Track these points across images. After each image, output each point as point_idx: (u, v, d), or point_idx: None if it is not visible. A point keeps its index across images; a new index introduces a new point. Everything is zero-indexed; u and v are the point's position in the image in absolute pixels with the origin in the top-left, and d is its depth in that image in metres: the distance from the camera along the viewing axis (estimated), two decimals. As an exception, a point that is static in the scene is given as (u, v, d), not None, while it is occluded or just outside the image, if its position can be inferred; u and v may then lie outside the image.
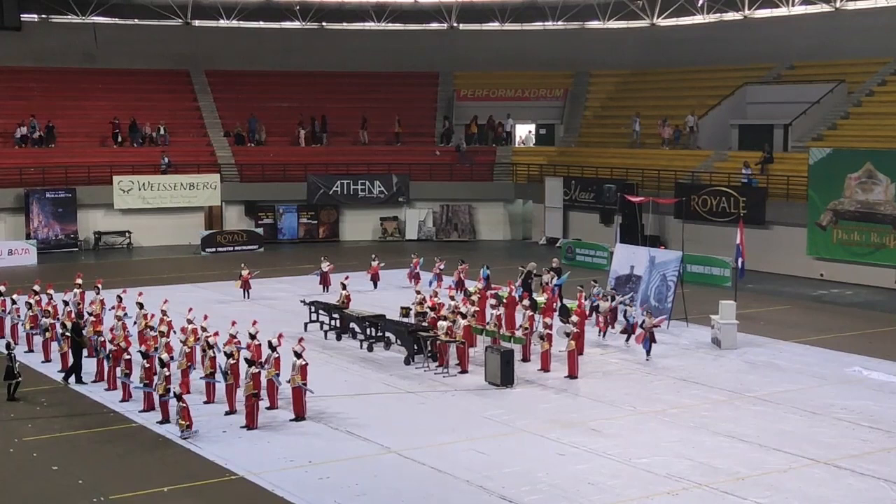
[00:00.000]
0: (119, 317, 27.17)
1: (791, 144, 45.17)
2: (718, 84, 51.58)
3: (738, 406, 23.72)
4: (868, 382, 25.78)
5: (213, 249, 48.15)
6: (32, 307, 29.49)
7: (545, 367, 26.54)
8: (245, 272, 36.36)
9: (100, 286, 31.35)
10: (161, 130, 53.00)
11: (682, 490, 18.50)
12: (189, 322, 26.14)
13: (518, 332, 28.32)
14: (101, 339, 25.70)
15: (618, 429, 21.97)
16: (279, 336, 24.04)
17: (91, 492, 18.53)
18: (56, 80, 54.37)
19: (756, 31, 52.64)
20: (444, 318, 27.25)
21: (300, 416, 22.49)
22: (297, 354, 22.66)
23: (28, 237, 46.99)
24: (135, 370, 23.97)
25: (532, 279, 33.53)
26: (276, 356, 23.37)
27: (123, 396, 24.17)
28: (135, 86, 55.08)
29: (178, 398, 21.50)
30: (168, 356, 23.86)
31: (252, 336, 24.75)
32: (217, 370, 23.71)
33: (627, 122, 52.74)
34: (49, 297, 30.08)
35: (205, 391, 23.98)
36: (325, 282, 37.10)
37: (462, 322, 26.98)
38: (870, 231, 38.72)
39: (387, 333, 29.08)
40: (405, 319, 30.05)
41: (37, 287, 30.82)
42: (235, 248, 48.46)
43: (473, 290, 32.31)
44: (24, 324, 29.31)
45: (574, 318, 27.51)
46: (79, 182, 48.82)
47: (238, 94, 56.31)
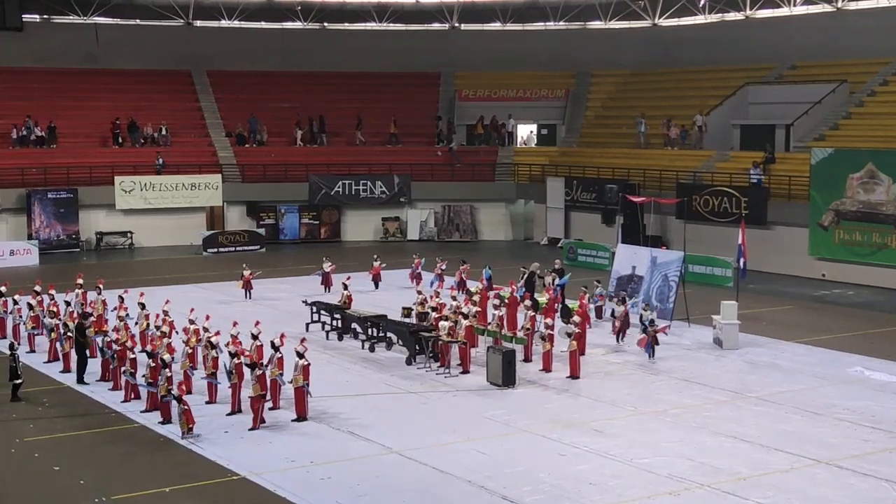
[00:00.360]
0: (122, 317, 27.19)
1: (793, 144, 45.14)
2: (720, 84, 51.55)
3: (740, 406, 23.71)
4: (870, 383, 25.77)
5: (215, 250, 48.16)
6: (34, 308, 29.53)
7: (547, 368, 26.55)
8: (247, 272, 36.37)
9: (101, 286, 31.37)
10: (162, 131, 53.05)
11: (684, 490, 18.49)
12: (191, 322, 26.15)
13: (520, 333, 28.33)
14: (108, 340, 25.73)
15: (619, 429, 21.96)
16: (281, 336, 24.06)
17: (93, 492, 18.52)
18: (58, 81, 54.39)
19: (757, 31, 52.61)
20: (446, 319, 27.26)
21: (302, 417, 22.50)
22: (300, 355, 22.67)
23: (30, 238, 47.01)
24: (139, 370, 23.97)
25: (535, 280, 33.51)
26: (280, 356, 23.40)
27: (126, 397, 24.19)
28: (136, 86, 55.10)
29: (179, 400, 21.51)
30: (170, 357, 23.85)
31: (255, 336, 24.78)
32: (219, 370, 23.71)
33: (629, 123, 52.72)
34: (51, 297, 30.12)
35: (207, 391, 24.00)
36: (327, 282, 37.10)
37: (464, 322, 26.97)
38: (871, 231, 38.71)
39: (388, 334, 29.08)
40: (407, 320, 30.05)
41: (38, 288, 30.85)
42: (237, 249, 48.49)
43: (475, 291, 32.31)
44: (26, 324, 29.35)
45: (576, 319, 27.50)
46: (80, 182, 48.85)
47: (239, 95, 56.29)
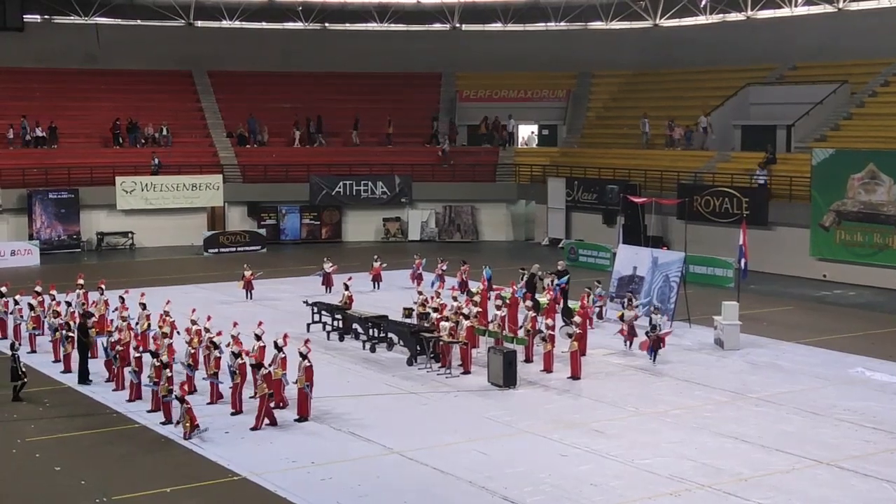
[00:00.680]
0: (125, 317, 27.22)
1: (794, 145, 45.13)
2: (721, 85, 51.53)
3: (741, 407, 23.70)
4: (871, 383, 25.75)
5: (216, 250, 48.17)
6: (35, 308, 29.52)
7: (548, 368, 26.55)
8: (248, 273, 36.38)
9: (103, 287, 31.37)
10: (163, 131, 53.05)
11: (685, 491, 18.48)
12: (193, 323, 26.16)
13: (520, 333, 28.32)
14: (112, 340, 25.73)
15: (620, 430, 21.95)
16: (284, 336, 24.06)
17: (94, 492, 18.52)
18: (58, 81, 54.43)
19: (759, 32, 52.61)
20: (447, 319, 27.25)
21: (304, 417, 22.49)
22: (303, 356, 22.66)
23: (31, 238, 47.02)
24: (144, 370, 23.96)
25: (535, 281, 33.48)
26: (283, 356, 23.39)
27: (131, 396, 24.20)
28: (137, 86, 55.10)
29: (181, 400, 21.50)
30: (171, 358, 23.84)
31: (258, 337, 24.75)
32: (221, 370, 23.69)
33: (630, 123, 52.73)
34: (52, 298, 30.12)
35: (209, 392, 23.99)
36: (328, 283, 37.11)
37: (465, 323, 26.96)
38: (872, 232, 38.69)
39: (389, 334, 29.08)
40: (408, 320, 30.04)
41: (39, 288, 30.85)
42: (238, 249, 48.49)
43: (476, 291, 32.30)
44: (27, 324, 29.35)
45: (577, 319, 27.49)
46: (81, 183, 48.86)
47: (240, 95, 56.29)
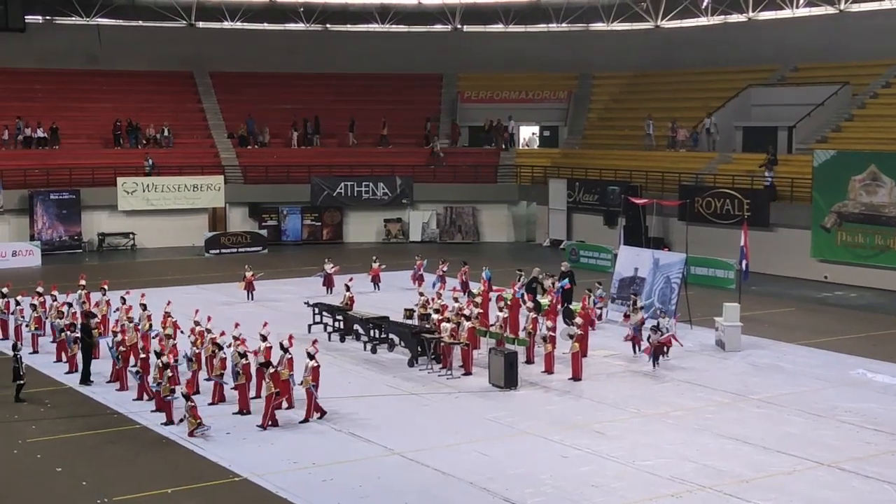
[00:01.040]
0: (130, 318, 27.25)
1: (795, 146, 45.12)
2: (722, 86, 51.51)
3: (742, 408, 23.69)
4: (872, 385, 25.75)
5: (217, 251, 48.17)
6: (37, 308, 29.53)
7: (549, 370, 26.54)
8: (249, 274, 36.38)
9: (106, 287, 31.38)
10: (165, 132, 53.05)
11: (686, 492, 18.47)
12: (196, 324, 26.15)
13: (521, 334, 28.30)
14: (116, 340, 25.74)
15: (621, 431, 21.95)
16: (290, 337, 24.06)
17: (95, 493, 18.52)
18: (60, 82, 54.43)
19: (760, 33, 52.60)
20: (449, 321, 27.24)
21: (309, 417, 22.46)
22: (310, 356, 22.66)
23: (32, 238, 47.02)
24: (150, 370, 23.95)
25: (536, 285, 33.44)
26: (289, 357, 23.40)
27: (139, 395, 24.21)
28: (138, 87, 55.14)
29: (186, 398, 21.50)
30: (173, 358, 23.84)
31: (264, 338, 24.71)
32: (226, 370, 23.69)
33: (631, 125, 52.72)
34: (53, 298, 30.12)
35: (211, 392, 23.98)
36: (329, 283, 37.12)
37: (466, 324, 26.95)
38: (874, 233, 38.67)
39: (390, 335, 29.07)
40: (409, 321, 30.04)
41: (40, 289, 30.85)
42: (239, 250, 48.49)
43: (477, 293, 32.30)
44: (29, 325, 29.35)
45: (578, 321, 27.47)
46: (83, 183, 48.86)
47: (242, 96, 56.29)
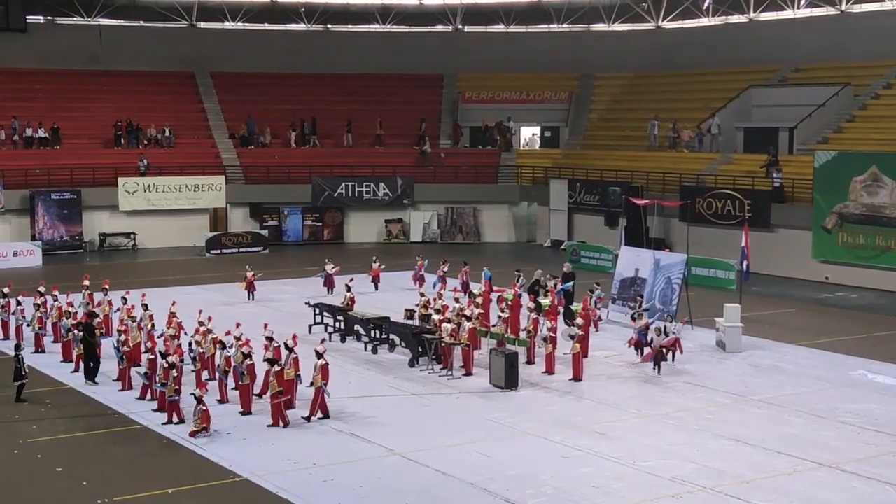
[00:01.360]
0: (133, 317, 27.28)
1: (796, 147, 45.14)
2: (723, 87, 51.50)
3: (743, 409, 23.69)
4: (873, 385, 25.74)
5: (218, 251, 48.19)
6: (39, 308, 29.55)
7: (549, 370, 26.54)
8: (249, 274, 36.39)
9: (107, 287, 31.39)
10: (166, 132, 53.06)
11: (687, 493, 18.47)
12: (200, 324, 26.16)
13: (522, 335, 28.30)
14: (121, 340, 25.75)
15: (622, 432, 21.95)
16: (293, 337, 24.06)
17: (95, 493, 18.52)
18: (61, 82, 54.44)
19: (761, 34, 52.59)
20: (449, 321, 27.24)
21: (311, 417, 22.46)
22: (319, 354, 22.66)
23: (33, 238, 47.05)
24: (156, 370, 23.95)
25: (538, 288, 33.41)
26: (295, 356, 23.40)
27: (143, 394, 24.24)
28: (140, 87, 55.17)
29: (199, 400, 21.48)
30: (178, 358, 23.84)
31: (270, 339, 24.69)
32: (231, 369, 23.69)
33: (633, 125, 52.72)
34: (54, 298, 30.13)
35: (219, 392, 23.98)
36: (330, 284, 37.12)
37: (467, 325, 26.96)
38: (875, 234, 38.68)
39: (391, 336, 29.08)
40: (409, 321, 30.04)
41: (41, 289, 30.87)
42: (240, 250, 48.52)
43: (478, 293, 32.30)
44: (32, 325, 29.37)
45: (579, 321, 27.47)
46: (84, 183, 48.88)
47: (243, 96, 56.32)
